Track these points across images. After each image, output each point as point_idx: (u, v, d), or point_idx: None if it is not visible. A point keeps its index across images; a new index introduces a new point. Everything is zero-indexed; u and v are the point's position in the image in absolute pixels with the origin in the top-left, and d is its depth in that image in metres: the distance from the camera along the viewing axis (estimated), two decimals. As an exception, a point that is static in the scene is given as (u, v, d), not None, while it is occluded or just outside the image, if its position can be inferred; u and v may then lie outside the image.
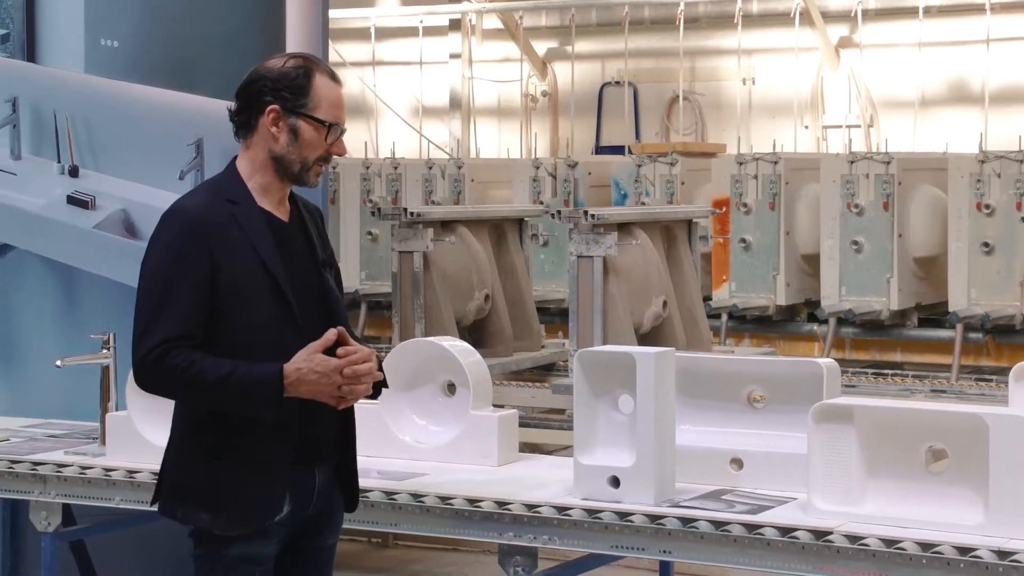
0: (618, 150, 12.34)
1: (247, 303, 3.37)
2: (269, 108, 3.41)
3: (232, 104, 3.47)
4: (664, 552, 3.90)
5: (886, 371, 8.46)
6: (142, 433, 4.58)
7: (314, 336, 3.40)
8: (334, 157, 3.55)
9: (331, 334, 3.37)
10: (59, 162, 5.77)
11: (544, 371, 7.70)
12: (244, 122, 3.45)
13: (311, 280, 3.50)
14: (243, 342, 3.36)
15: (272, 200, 3.48)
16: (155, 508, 3.53)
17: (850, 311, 9.19)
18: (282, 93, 3.40)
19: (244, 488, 3.37)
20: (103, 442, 4.77)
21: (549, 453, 5.98)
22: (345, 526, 4.34)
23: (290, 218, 3.52)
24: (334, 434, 3.52)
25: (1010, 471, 3.50)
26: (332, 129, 3.45)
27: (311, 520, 3.52)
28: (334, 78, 3.47)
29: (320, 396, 3.36)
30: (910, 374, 8.36)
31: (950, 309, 8.97)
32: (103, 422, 4.78)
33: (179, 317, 3.31)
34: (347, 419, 3.56)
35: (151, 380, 3.37)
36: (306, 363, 3.32)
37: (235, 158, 3.50)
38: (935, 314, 9.45)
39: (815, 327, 9.70)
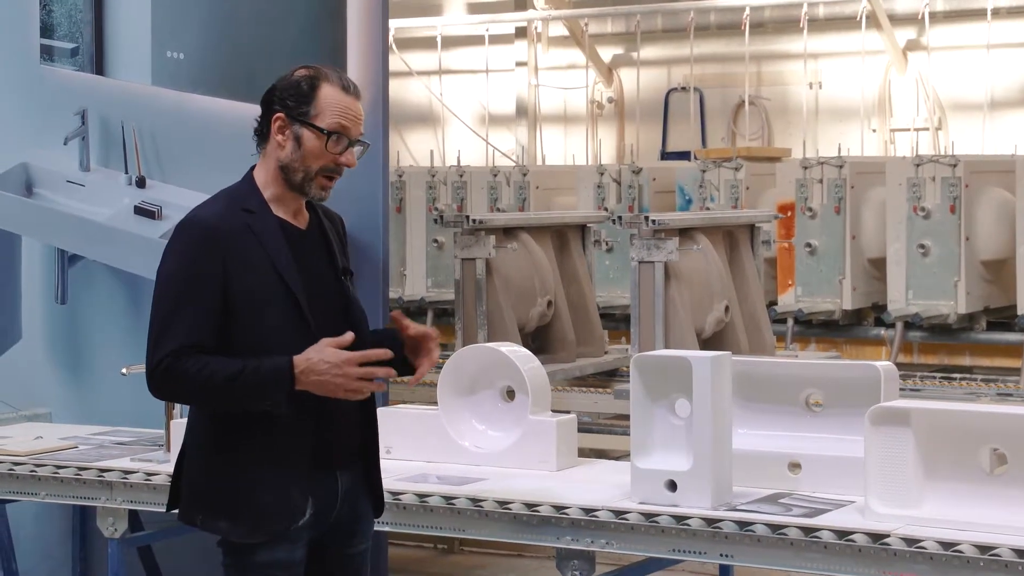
0: (684, 155, 12.33)
1: (261, 311, 3.36)
2: (275, 116, 3.41)
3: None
4: (724, 556, 3.90)
5: (954, 375, 8.39)
6: (206, 439, 4.63)
7: None
8: (349, 167, 3.48)
9: (348, 336, 3.36)
10: (126, 173, 5.87)
11: (608, 377, 7.70)
12: (259, 131, 3.46)
13: (329, 288, 3.49)
14: (256, 350, 3.34)
15: (288, 209, 3.47)
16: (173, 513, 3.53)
17: (917, 315, 9.12)
18: (287, 101, 3.40)
19: (261, 494, 3.37)
20: (168, 449, 4.84)
21: (616, 459, 5.99)
22: (407, 531, 4.40)
23: (308, 226, 3.51)
24: (356, 438, 3.52)
25: (1068, 473, 3.48)
26: (334, 138, 3.40)
27: (339, 525, 3.51)
28: (347, 89, 3.43)
29: (329, 389, 3.32)
30: (978, 378, 8.29)
31: (1019, 312, 8.88)
32: (168, 429, 4.86)
33: (191, 326, 3.30)
34: (369, 424, 3.54)
35: (165, 387, 3.37)
36: (317, 354, 3.31)
37: (253, 168, 3.49)
38: (1004, 317, 9.35)
39: (882, 331, 9.63)
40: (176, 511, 3.51)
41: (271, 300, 3.37)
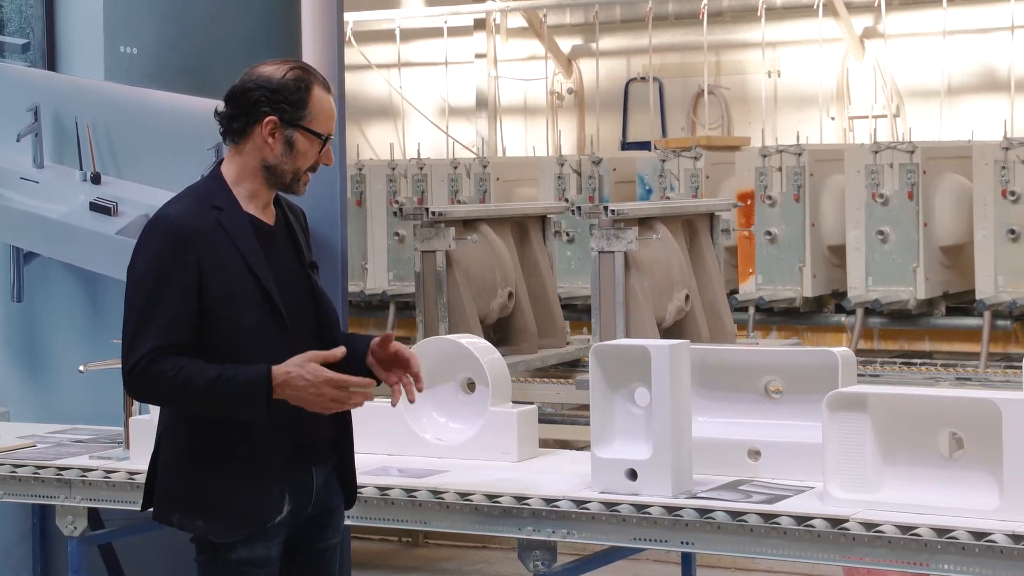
0: (645, 146, 12.34)
1: (235, 309, 3.35)
2: (267, 119, 3.39)
3: (221, 106, 3.44)
4: (685, 543, 3.91)
5: (915, 360, 8.44)
6: (165, 435, 4.61)
7: (303, 339, 3.39)
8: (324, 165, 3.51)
9: (339, 351, 3.35)
10: (81, 169, 5.82)
11: (570, 367, 7.71)
12: (238, 129, 3.42)
13: (299, 283, 3.49)
14: (232, 347, 3.34)
15: (258, 205, 3.46)
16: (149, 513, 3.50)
17: (877, 301, 9.17)
18: (281, 105, 3.38)
19: (238, 493, 3.35)
20: (127, 446, 4.81)
21: (579, 450, 6.00)
22: (369, 524, 4.39)
23: (276, 221, 3.51)
24: (332, 433, 3.52)
25: (1024, 455, 3.50)
26: (327, 141, 3.45)
27: (312, 520, 3.51)
28: (328, 89, 3.47)
29: (305, 403, 3.31)
30: (938, 363, 8.34)
31: (977, 297, 8.94)
32: (127, 426, 4.83)
33: (166, 326, 3.29)
34: (344, 419, 3.54)
35: (140, 389, 3.35)
36: (297, 368, 3.28)
37: (219, 162, 3.48)
38: (963, 302, 9.42)
39: (843, 318, 9.68)
40: (151, 510, 3.48)
41: (245, 298, 3.36)
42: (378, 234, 10.87)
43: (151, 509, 3.48)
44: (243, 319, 3.35)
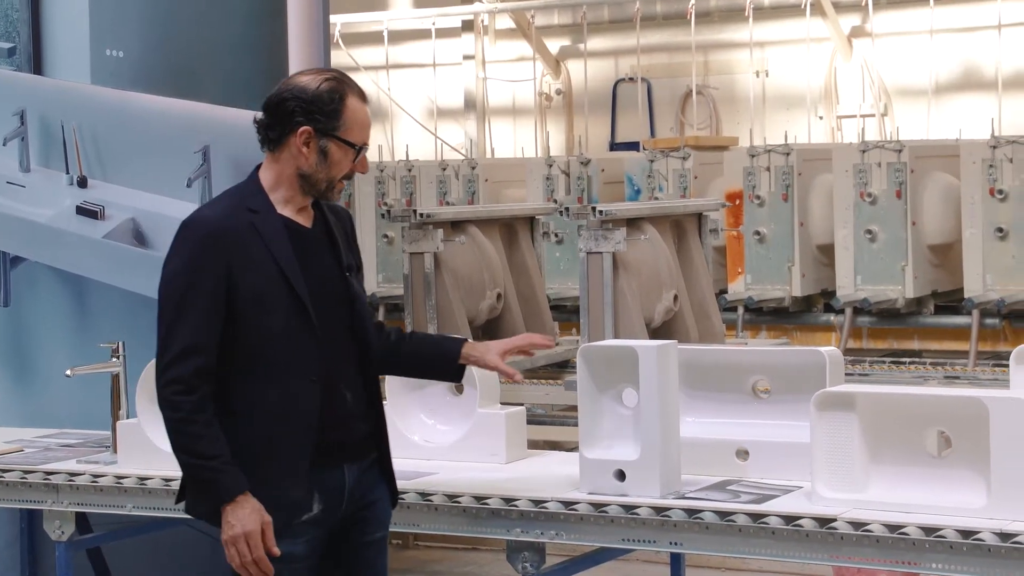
0: (633, 146, 12.33)
1: (265, 311, 3.43)
2: (301, 129, 3.46)
3: (259, 115, 3.52)
4: (674, 544, 3.91)
5: (904, 359, 8.44)
6: (153, 440, 4.60)
7: (334, 342, 3.49)
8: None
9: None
10: (68, 173, 5.81)
11: (559, 368, 7.70)
12: (274, 138, 3.50)
13: (334, 286, 3.56)
14: (260, 348, 3.43)
15: (293, 208, 3.54)
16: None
17: (866, 300, 9.17)
18: (315, 116, 3.46)
19: (259, 492, 3.42)
20: (115, 450, 4.80)
21: (569, 451, 5.99)
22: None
23: (313, 224, 3.57)
24: (362, 432, 3.61)
25: (1011, 453, 3.49)
26: (361, 150, 3.52)
27: (351, 516, 3.60)
28: (363, 98, 3.54)
29: (225, 538, 3.41)
30: (928, 362, 8.35)
31: (965, 296, 8.94)
32: (114, 430, 4.81)
33: (195, 327, 3.38)
34: (378, 414, 3.65)
35: (160, 407, 3.46)
36: (246, 515, 3.38)
37: (258, 167, 3.56)
38: (951, 301, 9.42)
39: (832, 317, 9.69)
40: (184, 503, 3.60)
41: (275, 299, 3.44)
42: (367, 236, 10.85)
43: (183, 502, 3.60)
44: (271, 322, 3.44)
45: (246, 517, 3.38)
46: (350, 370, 3.60)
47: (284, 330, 3.44)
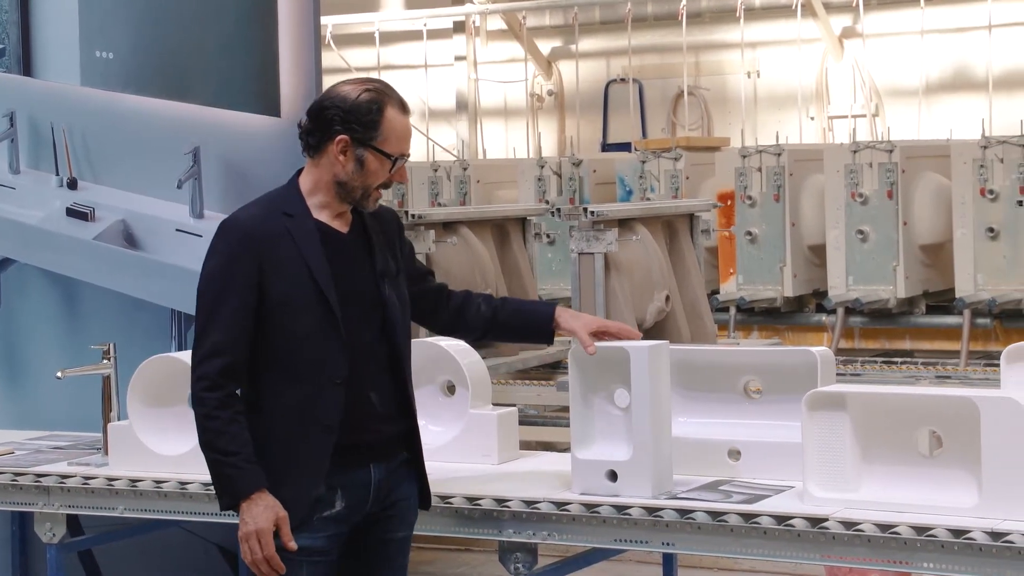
0: (625, 147, 12.35)
1: (292, 312, 3.49)
2: (339, 138, 3.50)
3: (303, 120, 3.57)
4: (666, 544, 3.91)
5: (896, 359, 8.46)
6: (144, 442, 4.59)
7: (362, 347, 3.54)
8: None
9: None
10: (57, 175, 5.80)
11: (551, 369, 7.69)
12: (314, 144, 3.55)
13: (368, 291, 3.59)
14: (286, 349, 3.50)
15: (330, 214, 3.58)
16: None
17: (857, 300, 9.19)
18: (353, 125, 3.49)
19: (280, 488, 3.48)
20: (106, 452, 4.78)
21: (562, 451, 5.99)
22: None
23: (351, 229, 3.61)
24: (390, 431, 3.65)
25: (1002, 453, 3.49)
26: (397, 161, 3.55)
27: (379, 514, 3.65)
28: (404, 109, 3.56)
29: (241, 533, 3.48)
30: (919, 361, 8.36)
31: (957, 295, 8.96)
32: (106, 432, 4.80)
33: (225, 325, 3.46)
34: (409, 414, 3.69)
35: (191, 396, 3.54)
36: (260, 512, 3.45)
37: (298, 172, 3.61)
38: (943, 301, 9.44)
39: (823, 317, 9.70)
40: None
41: (303, 303, 3.50)
42: (359, 238, 10.83)
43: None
44: (298, 323, 3.49)
45: (259, 515, 3.44)
46: (378, 373, 3.63)
47: (310, 332, 3.49)
